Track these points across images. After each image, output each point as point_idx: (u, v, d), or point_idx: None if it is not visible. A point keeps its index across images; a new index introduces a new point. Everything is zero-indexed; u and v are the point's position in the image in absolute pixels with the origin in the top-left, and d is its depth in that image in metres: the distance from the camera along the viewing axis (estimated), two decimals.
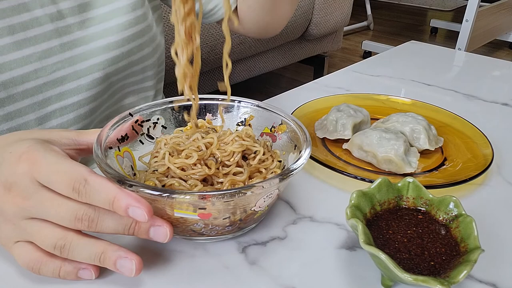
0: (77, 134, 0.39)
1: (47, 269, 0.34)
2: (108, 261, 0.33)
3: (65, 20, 0.52)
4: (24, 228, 0.33)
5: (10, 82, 0.49)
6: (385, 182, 0.40)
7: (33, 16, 0.50)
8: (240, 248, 0.39)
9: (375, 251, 0.32)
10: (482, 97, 0.74)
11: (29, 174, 0.33)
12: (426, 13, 4.02)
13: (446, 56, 0.96)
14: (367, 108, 0.60)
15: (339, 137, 0.56)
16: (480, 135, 0.56)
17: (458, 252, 0.35)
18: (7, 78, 0.49)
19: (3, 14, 0.48)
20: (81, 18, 0.53)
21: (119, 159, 0.41)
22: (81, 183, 0.32)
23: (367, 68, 0.86)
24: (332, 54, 2.94)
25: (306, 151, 0.39)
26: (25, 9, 0.49)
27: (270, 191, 0.36)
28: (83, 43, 0.54)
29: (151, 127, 0.46)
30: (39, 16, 0.50)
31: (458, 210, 0.38)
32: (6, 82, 0.49)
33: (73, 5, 0.52)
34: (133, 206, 0.32)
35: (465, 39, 2.08)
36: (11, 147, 0.35)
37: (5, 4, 0.48)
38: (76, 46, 0.53)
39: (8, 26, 0.48)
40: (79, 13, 0.53)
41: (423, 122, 0.55)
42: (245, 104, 0.48)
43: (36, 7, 0.50)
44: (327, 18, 1.94)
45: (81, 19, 0.53)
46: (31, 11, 0.49)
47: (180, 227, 0.37)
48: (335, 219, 0.43)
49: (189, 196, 0.33)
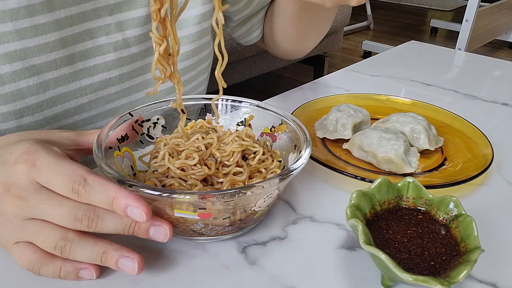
0: (77, 135, 0.39)
1: (48, 270, 0.34)
2: (110, 260, 0.33)
3: (130, 49, 0.49)
4: (24, 228, 0.33)
5: (62, 114, 0.47)
6: (385, 182, 0.40)
7: (96, 44, 0.47)
8: (240, 248, 0.39)
9: (375, 251, 0.32)
10: (482, 97, 0.74)
11: (29, 174, 0.33)
12: (426, 13, 4.02)
13: (446, 56, 0.96)
14: (367, 108, 0.60)
15: (339, 137, 0.56)
16: (480, 135, 0.56)
17: (458, 252, 0.35)
18: (60, 111, 0.46)
19: (65, 43, 0.45)
20: (146, 46, 0.51)
21: (119, 159, 0.41)
22: (81, 183, 0.32)
23: (367, 68, 0.85)
24: (332, 54, 2.94)
25: (306, 151, 0.39)
26: (89, 36, 0.46)
27: (270, 191, 0.36)
28: (142, 73, 0.51)
29: (151, 127, 0.46)
30: (102, 44, 0.47)
31: (458, 210, 0.38)
32: (58, 114, 0.46)
33: (140, 33, 0.49)
34: (131, 206, 0.32)
35: (465, 39, 2.08)
36: (11, 147, 0.35)
37: (69, 31, 0.44)
38: (135, 76, 0.51)
39: (68, 55, 0.45)
40: (145, 41, 0.50)
41: (423, 122, 0.55)
42: (245, 104, 0.48)
43: (101, 34, 0.47)
44: None
45: (145, 47, 0.51)
46: (95, 38, 0.47)
47: (180, 227, 0.37)
48: (335, 219, 0.43)
49: (189, 196, 0.33)
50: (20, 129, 0.45)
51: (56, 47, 0.44)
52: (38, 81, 0.44)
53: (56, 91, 0.45)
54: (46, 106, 0.45)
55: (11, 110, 0.44)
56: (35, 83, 0.44)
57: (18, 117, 0.44)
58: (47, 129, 0.52)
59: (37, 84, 0.44)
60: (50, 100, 0.45)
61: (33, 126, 0.46)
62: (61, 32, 0.44)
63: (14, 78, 0.43)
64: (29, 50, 0.43)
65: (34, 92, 0.44)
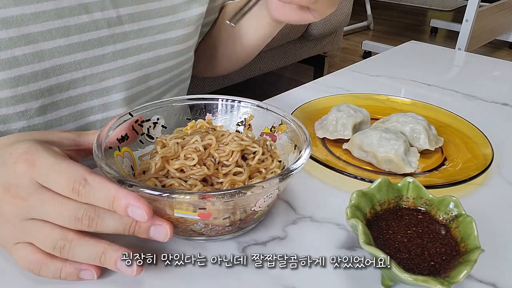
0: (77, 135, 0.39)
1: (48, 271, 0.34)
2: (109, 261, 0.33)
3: (123, 26, 0.50)
4: (24, 229, 0.33)
5: (56, 88, 0.47)
6: (385, 182, 0.40)
7: (91, 19, 0.47)
8: (240, 248, 0.39)
9: (375, 251, 0.32)
10: (482, 97, 0.73)
11: (29, 174, 0.33)
12: (426, 13, 4.02)
13: (446, 56, 0.96)
14: (367, 108, 0.60)
15: (339, 137, 0.56)
16: (480, 135, 0.56)
17: (458, 252, 0.35)
18: (54, 83, 0.47)
19: (61, 14, 0.45)
20: (140, 26, 0.51)
21: (119, 159, 0.41)
22: (81, 183, 0.32)
23: (367, 68, 0.85)
24: (332, 54, 2.94)
25: (306, 151, 0.39)
26: (85, 10, 0.47)
27: (270, 191, 0.36)
28: (136, 53, 0.52)
29: (151, 127, 0.46)
30: (97, 19, 0.48)
31: (458, 210, 0.38)
32: (53, 87, 0.47)
33: (134, 12, 0.50)
34: (132, 206, 0.32)
35: (465, 39, 2.08)
36: (11, 148, 0.34)
37: (65, 2, 0.45)
38: (128, 55, 0.51)
39: (64, 27, 0.46)
40: (138, 20, 0.51)
41: (423, 122, 0.55)
42: (245, 104, 0.48)
43: (96, 9, 0.48)
44: (327, 18, 1.94)
45: (139, 27, 0.51)
46: (90, 13, 0.47)
47: (180, 227, 0.37)
48: (335, 219, 0.43)
49: (189, 196, 0.33)
50: (15, 100, 0.45)
51: (51, 17, 0.45)
52: (34, 50, 0.45)
53: (50, 62, 0.46)
54: (40, 77, 0.46)
55: (6, 77, 0.44)
56: (31, 51, 0.45)
57: (13, 85, 0.45)
58: (47, 130, 0.52)
59: (32, 53, 0.45)
60: (44, 71, 0.46)
61: (27, 97, 0.46)
62: (57, 2, 0.45)
63: (10, 44, 0.43)
64: (25, 17, 0.44)
65: (30, 61, 0.45)
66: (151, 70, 0.54)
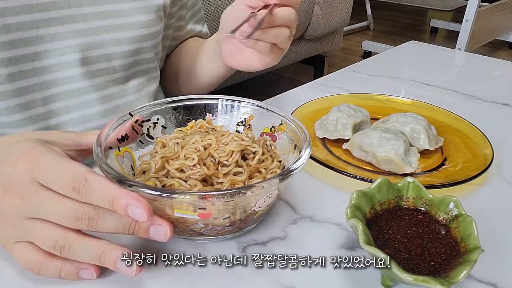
0: (77, 135, 0.39)
1: (48, 270, 0.34)
2: (109, 261, 0.33)
3: (83, 8, 0.53)
4: (24, 228, 0.33)
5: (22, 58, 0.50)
6: (385, 182, 0.40)
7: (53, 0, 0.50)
8: (240, 248, 0.39)
9: (375, 251, 0.32)
10: (482, 97, 0.74)
11: (29, 174, 0.33)
12: (426, 13, 4.02)
13: (446, 56, 0.96)
14: (367, 108, 0.60)
15: (339, 137, 0.56)
16: (480, 135, 0.56)
17: (458, 252, 0.35)
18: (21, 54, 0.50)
19: None
20: (99, 10, 0.54)
21: (119, 159, 0.41)
22: (81, 183, 0.32)
23: (367, 68, 0.86)
24: (332, 54, 2.94)
25: (306, 151, 0.39)
26: None
27: (270, 191, 0.36)
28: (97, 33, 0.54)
29: (151, 127, 0.46)
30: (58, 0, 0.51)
31: (458, 210, 0.38)
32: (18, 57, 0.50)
33: None
34: (132, 206, 0.32)
35: (465, 39, 2.08)
36: (11, 147, 0.35)
37: None
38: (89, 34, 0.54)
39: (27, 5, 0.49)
40: (97, 5, 0.54)
41: (423, 122, 0.55)
42: (245, 104, 0.48)
43: None
44: (327, 18, 1.94)
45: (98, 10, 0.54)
46: None
47: (180, 227, 0.37)
48: (335, 219, 0.43)
49: (189, 196, 0.33)
50: None
51: None
52: (1, 24, 0.48)
53: (16, 35, 0.49)
54: (8, 47, 0.49)
55: None
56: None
57: None
58: (47, 130, 0.52)
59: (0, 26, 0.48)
60: (11, 42, 0.49)
61: None
62: None
63: None
64: None
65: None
66: (112, 50, 0.56)
